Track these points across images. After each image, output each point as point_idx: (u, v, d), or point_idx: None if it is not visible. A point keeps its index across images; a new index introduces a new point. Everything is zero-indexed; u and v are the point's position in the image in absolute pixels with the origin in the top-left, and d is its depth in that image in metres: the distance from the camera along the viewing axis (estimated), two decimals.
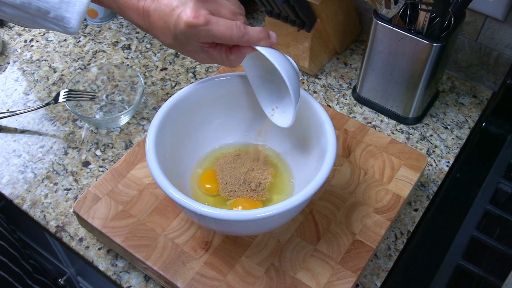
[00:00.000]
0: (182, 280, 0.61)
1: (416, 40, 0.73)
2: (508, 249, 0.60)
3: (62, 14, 0.56)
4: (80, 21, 0.58)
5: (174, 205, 0.67)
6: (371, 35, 0.78)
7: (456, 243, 0.62)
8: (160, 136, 0.60)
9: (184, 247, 0.63)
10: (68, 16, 0.57)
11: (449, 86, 0.91)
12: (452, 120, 0.86)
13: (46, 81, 0.92)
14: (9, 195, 0.76)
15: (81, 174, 0.78)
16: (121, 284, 0.66)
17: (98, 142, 0.82)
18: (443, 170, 0.79)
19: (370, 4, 0.76)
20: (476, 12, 0.83)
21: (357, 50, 0.98)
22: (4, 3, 0.56)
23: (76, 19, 0.57)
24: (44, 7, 0.56)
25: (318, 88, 0.91)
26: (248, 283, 0.61)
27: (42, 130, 0.84)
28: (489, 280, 0.58)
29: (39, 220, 0.73)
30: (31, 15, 0.57)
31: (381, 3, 0.74)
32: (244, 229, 0.60)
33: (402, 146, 0.74)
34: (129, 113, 0.83)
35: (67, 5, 0.56)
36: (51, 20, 0.57)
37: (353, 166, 0.72)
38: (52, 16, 0.57)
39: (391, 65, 0.79)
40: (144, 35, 1.01)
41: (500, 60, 0.86)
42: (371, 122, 0.85)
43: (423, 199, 0.75)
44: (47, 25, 0.58)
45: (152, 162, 0.57)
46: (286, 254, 0.63)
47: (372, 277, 0.67)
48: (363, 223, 0.66)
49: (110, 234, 0.64)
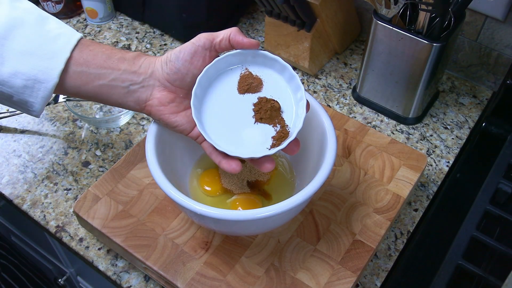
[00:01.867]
0: (182, 280, 0.61)
1: (416, 40, 0.73)
2: (508, 249, 0.60)
3: (26, 98, 0.55)
4: (43, 105, 0.56)
5: (174, 205, 0.67)
6: (371, 35, 0.78)
7: (456, 243, 0.62)
8: (160, 136, 0.60)
9: (184, 247, 0.63)
10: (32, 101, 0.55)
11: (449, 86, 0.91)
12: (452, 120, 0.86)
13: None
14: (9, 195, 0.76)
15: (81, 174, 0.78)
16: (121, 284, 0.66)
17: (98, 142, 0.82)
18: (443, 170, 0.79)
19: (370, 4, 0.76)
20: (476, 12, 0.83)
21: (357, 50, 0.98)
22: None
23: (39, 103, 0.56)
24: (8, 92, 0.54)
25: (318, 88, 0.91)
26: (248, 283, 0.61)
27: (42, 130, 0.84)
28: (489, 280, 0.58)
29: (39, 220, 0.73)
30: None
31: (381, 3, 0.74)
32: (244, 229, 0.60)
33: (402, 146, 0.74)
34: (129, 113, 0.83)
35: (31, 90, 0.54)
36: (14, 103, 0.56)
37: (353, 166, 0.72)
38: (15, 100, 0.55)
39: (391, 65, 0.79)
40: (144, 35, 1.01)
41: (500, 60, 0.86)
42: (371, 122, 0.85)
43: (423, 199, 0.75)
44: (11, 106, 0.57)
45: (152, 162, 0.57)
46: (286, 254, 0.63)
47: (372, 277, 0.67)
48: (363, 223, 0.66)
49: (110, 234, 0.64)
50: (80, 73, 0.55)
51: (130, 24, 1.03)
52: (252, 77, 0.58)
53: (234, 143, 0.57)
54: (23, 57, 0.53)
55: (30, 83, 0.54)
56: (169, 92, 0.57)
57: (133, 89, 0.56)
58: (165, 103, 0.57)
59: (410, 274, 0.65)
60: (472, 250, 0.61)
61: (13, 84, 0.53)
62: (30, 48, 0.53)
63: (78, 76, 0.55)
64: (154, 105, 0.57)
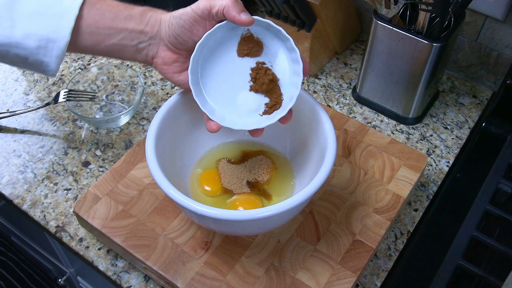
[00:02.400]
0: (182, 280, 0.61)
1: (416, 40, 0.73)
2: (508, 249, 0.60)
3: (41, 59, 0.56)
4: (59, 64, 0.58)
5: (174, 205, 0.67)
6: (371, 35, 0.78)
7: (456, 243, 0.62)
8: (160, 136, 0.60)
9: (184, 247, 0.63)
10: (47, 61, 0.57)
11: (449, 86, 0.91)
12: (452, 120, 0.86)
13: (46, 81, 0.92)
14: (9, 195, 0.76)
15: (81, 174, 0.78)
16: (121, 284, 0.66)
17: (98, 142, 0.82)
18: (443, 170, 0.79)
19: (370, 4, 0.76)
20: (476, 12, 0.83)
21: (357, 50, 0.98)
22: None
23: (54, 62, 0.57)
24: (22, 53, 0.56)
25: (318, 88, 0.91)
26: (248, 283, 0.61)
27: (42, 130, 0.84)
28: (489, 280, 0.58)
29: (39, 220, 0.73)
30: (10, 61, 0.58)
31: (381, 3, 0.74)
32: (244, 229, 0.60)
33: (402, 146, 0.74)
34: (129, 113, 0.83)
35: (44, 50, 0.56)
36: (30, 65, 0.58)
37: (353, 166, 0.72)
38: (30, 61, 0.57)
39: (391, 65, 0.79)
40: None
41: (500, 60, 0.86)
42: (371, 122, 0.85)
43: (423, 199, 0.75)
44: (27, 68, 0.59)
45: (152, 162, 0.57)
46: (286, 254, 0.63)
47: (372, 277, 0.67)
48: (363, 223, 0.66)
49: (110, 234, 0.64)
50: (90, 34, 0.57)
51: None
52: (252, 39, 0.58)
53: (228, 107, 0.59)
54: (34, 18, 0.55)
55: (43, 43, 0.55)
56: (172, 53, 0.59)
57: (141, 47, 0.59)
58: (169, 62, 0.59)
59: (410, 274, 0.65)
60: (472, 250, 0.61)
61: (27, 46, 0.55)
62: (39, 9, 0.55)
63: (89, 37, 0.57)
64: (158, 64, 0.60)
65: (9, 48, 0.55)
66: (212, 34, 0.57)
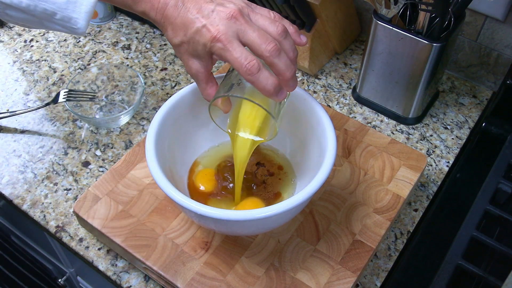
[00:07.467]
0: (182, 280, 0.61)
1: (416, 40, 0.73)
2: (508, 249, 0.60)
3: (69, 14, 0.55)
4: (88, 21, 0.57)
5: (174, 205, 0.67)
6: (371, 35, 0.78)
7: (456, 243, 0.62)
8: (160, 136, 0.60)
9: (184, 247, 0.63)
10: (76, 17, 0.56)
11: (449, 86, 0.91)
12: (452, 120, 0.86)
13: (46, 81, 0.92)
14: (9, 195, 0.76)
15: (81, 174, 0.78)
16: (121, 284, 0.66)
17: (98, 142, 0.82)
18: (443, 170, 0.79)
19: (370, 4, 0.76)
20: (476, 12, 0.83)
21: (357, 50, 0.98)
22: (10, 6, 0.55)
23: (84, 19, 0.56)
24: (51, 8, 0.55)
25: (318, 88, 0.91)
26: (248, 283, 0.61)
27: (42, 130, 0.84)
28: (489, 280, 0.58)
29: (39, 220, 0.73)
30: (38, 17, 0.56)
31: (381, 3, 0.74)
32: (244, 229, 0.60)
33: (402, 146, 0.74)
34: (129, 113, 0.83)
35: (74, 5, 0.55)
36: (58, 22, 0.56)
37: (353, 166, 0.72)
38: (59, 18, 0.56)
39: (391, 65, 0.79)
40: (144, 35, 1.01)
41: (500, 60, 0.86)
42: (371, 122, 0.85)
43: (423, 199, 0.75)
44: (54, 27, 0.57)
45: (152, 162, 0.57)
46: (286, 254, 0.63)
47: (372, 277, 0.67)
48: (363, 223, 0.66)
49: (110, 234, 0.64)
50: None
51: (130, 24, 1.03)
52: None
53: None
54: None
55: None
56: None
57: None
58: None
59: (410, 274, 0.65)
60: (472, 250, 0.61)
61: (56, 0, 0.54)
62: None
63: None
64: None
65: (38, 2, 0.54)
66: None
